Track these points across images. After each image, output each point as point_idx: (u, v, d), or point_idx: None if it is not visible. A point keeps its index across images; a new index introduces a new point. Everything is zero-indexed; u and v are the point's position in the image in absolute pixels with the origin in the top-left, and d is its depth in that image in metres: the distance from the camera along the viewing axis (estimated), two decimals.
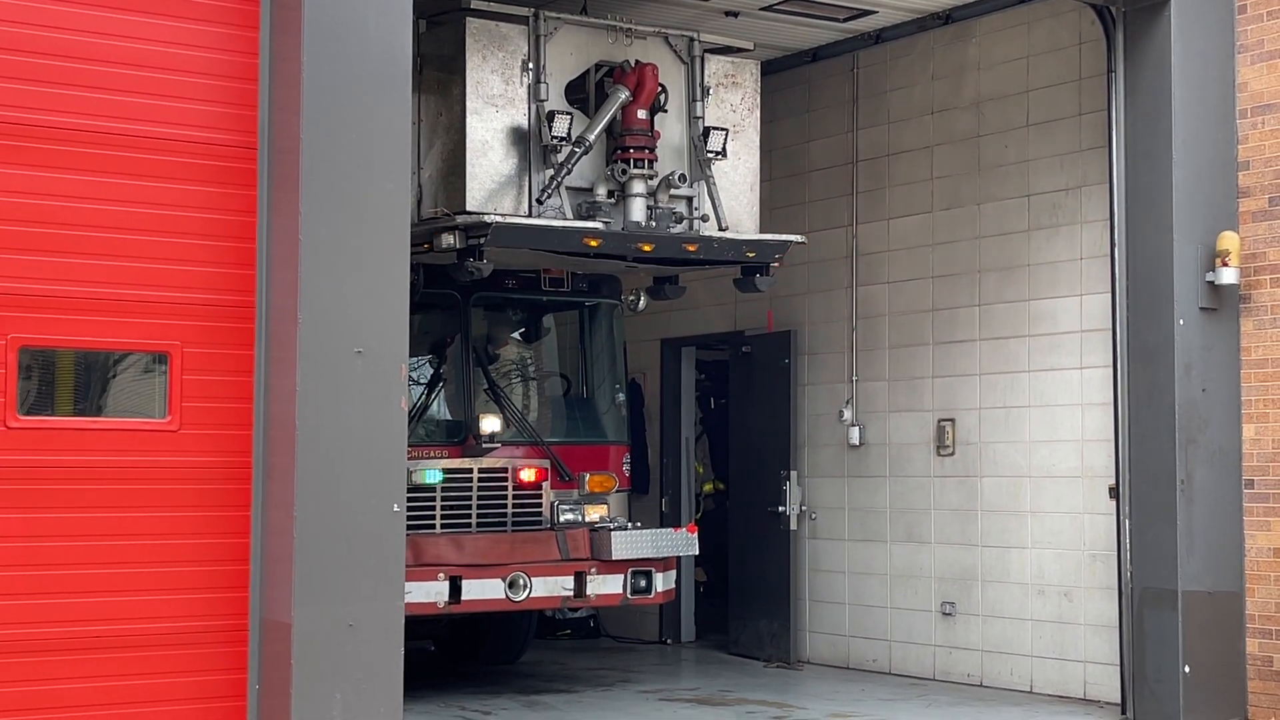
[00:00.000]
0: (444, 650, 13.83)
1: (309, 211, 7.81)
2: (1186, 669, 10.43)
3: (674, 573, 12.07)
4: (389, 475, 8.03)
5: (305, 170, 7.82)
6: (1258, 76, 10.85)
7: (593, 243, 10.39)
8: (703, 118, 11.02)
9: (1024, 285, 12.25)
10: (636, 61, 10.74)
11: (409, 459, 10.32)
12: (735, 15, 11.71)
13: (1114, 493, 11.07)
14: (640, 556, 11.42)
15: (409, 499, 10.22)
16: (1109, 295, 11.14)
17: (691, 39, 11.10)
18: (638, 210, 10.60)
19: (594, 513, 11.75)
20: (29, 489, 7.44)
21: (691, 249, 10.85)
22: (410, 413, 10.81)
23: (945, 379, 12.84)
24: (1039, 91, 12.23)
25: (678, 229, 10.81)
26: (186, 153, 7.94)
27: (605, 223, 10.46)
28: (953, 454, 12.64)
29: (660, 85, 10.74)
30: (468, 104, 10.25)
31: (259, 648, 7.90)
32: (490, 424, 11.41)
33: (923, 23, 12.64)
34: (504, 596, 10.99)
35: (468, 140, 10.25)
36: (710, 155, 10.90)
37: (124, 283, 7.77)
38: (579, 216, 10.50)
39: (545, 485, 11.72)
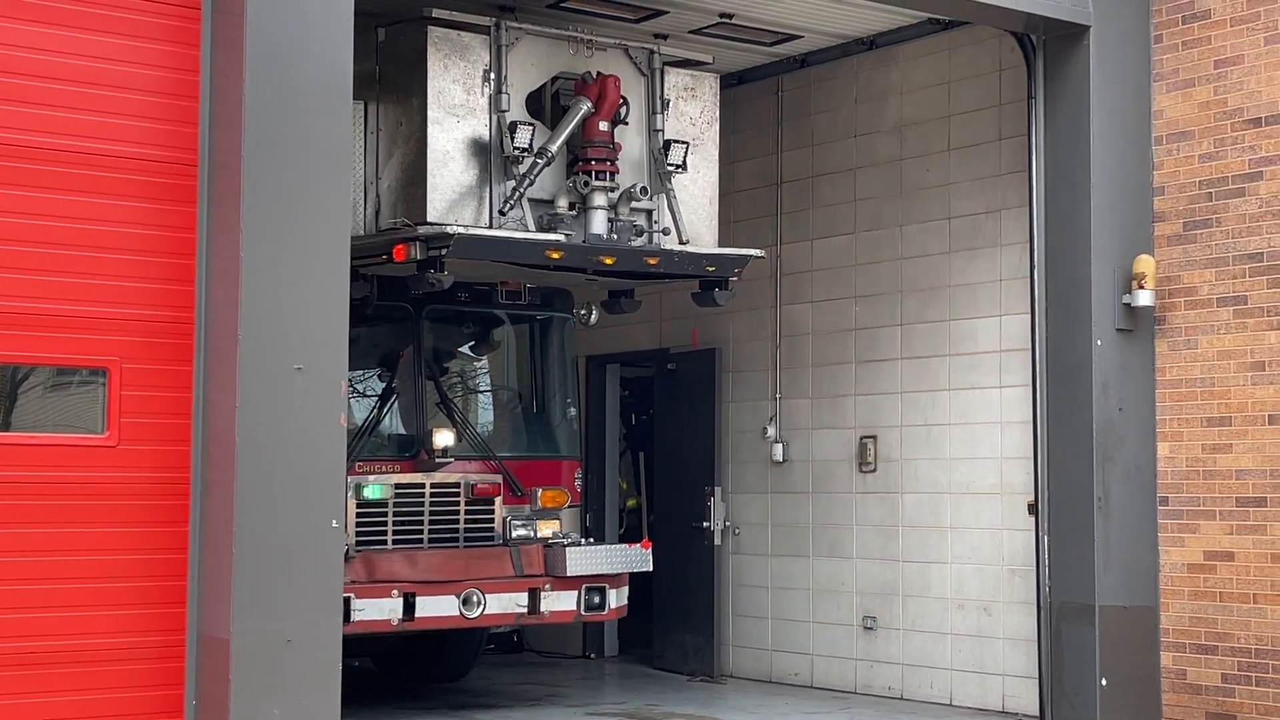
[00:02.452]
0: (387, 668, 13.66)
1: (249, 228, 7.79)
2: (1104, 682, 10.56)
3: (626, 589, 11.81)
4: (328, 491, 7.99)
5: (246, 187, 7.79)
6: (1173, 104, 11.06)
7: (555, 255, 10.10)
8: (662, 130, 10.81)
9: (945, 306, 12.41)
10: (598, 73, 10.52)
11: (358, 474, 10.42)
12: (664, 38, 11.71)
13: (1033, 509, 11.21)
14: (595, 573, 11.19)
15: (360, 515, 10.25)
16: (1028, 316, 11.30)
17: (652, 52, 10.91)
18: (599, 223, 10.37)
19: (546, 528, 11.50)
20: None
21: (652, 262, 10.60)
22: (362, 426, 10.88)
23: (867, 397, 12.97)
24: (960, 116, 12.41)
25: (638, 242, 10.68)
26: (125, 169, 7.90)
27: (567, 235, 10.24)
28: (874, 470, 12.76)
29: (621, 97, 10.55)
30: (429, 113, 9.97)
31: (196, 663, 7.86)
32: (443, 438, 11.13)
33: (847, 48, 12.84)
34: (458, 613, 10.66)
35: (429, 150, 9.95)
36: (671, 168, 10.69)
37: (62, 298, 7.71)
38: (540, 228, 10.28)
39: (498, 500, 11.40)
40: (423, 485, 11.06)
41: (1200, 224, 10.87)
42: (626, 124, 10.60)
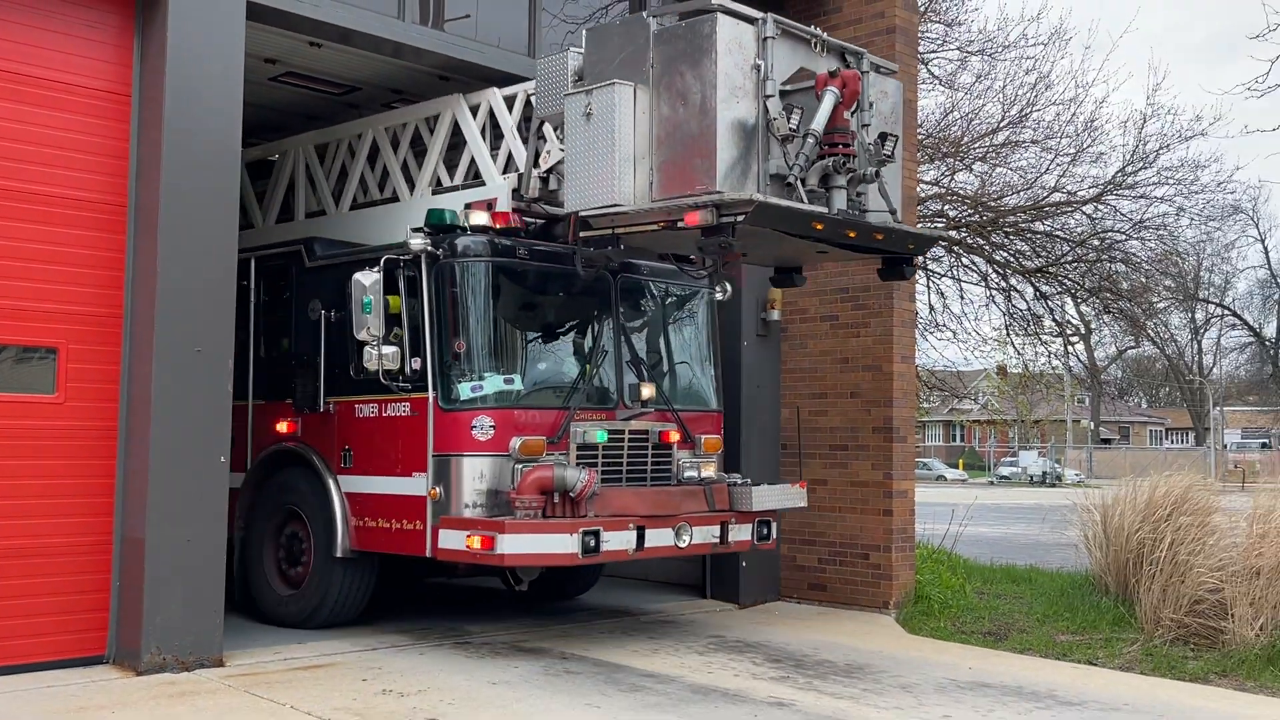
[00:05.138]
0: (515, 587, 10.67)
1: (163, 250, 7.64)
2: (743, 564, 10.79)
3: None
4: (217, 436, 7.82)
5: (161, 222, 7.64)
6: None
7: (818, 226, 7.91)
8: (870, 125, 8.42)
9: None
10: (840, 68, 8.28)
11: (580, 420, 8.74)
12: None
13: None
14: (771, 508, 9.33)
15: (580, 455, 8.62)
16: None
17: (861, 55, 8.61)
18: (841, 200, 8.08)
19: (707, 469, 9.47)
20: None
21: (879, 238, 8.38)
22: (579, 379, 9.01)
23: None
24: None
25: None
26: (75, 207, 7.67)
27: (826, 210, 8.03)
28: None
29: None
30: (718, 93, 7.71)
31: (120, 556, 7.68)
32: (648, 391, 9.18)
33: None
34: (673, 544, 8.69)
35: (718, 125, 7.67)
36: (884, 157, 8.43)
37: (26, 297, 7.47)
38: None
39: (674, 446, 9.31)
40: (623, 432, 8.97)
41: (810, 268, 11.27)
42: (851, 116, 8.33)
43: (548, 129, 8.72)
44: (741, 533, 9.11)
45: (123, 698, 6.93)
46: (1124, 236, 19.28)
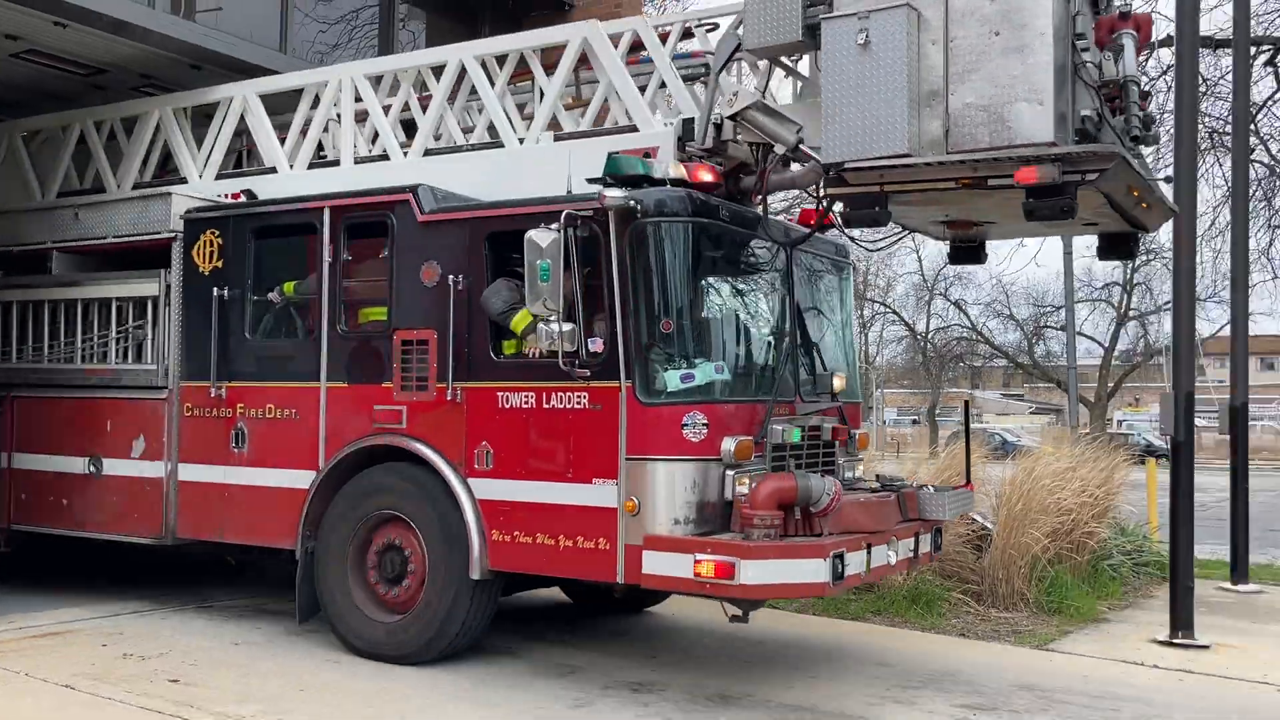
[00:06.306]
0: (579, 597, 9.56)
1: None
2: None
3: None
4: None
5: None
6: None
7: (1135, 193, 6.46)
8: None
9: None
10: (1128, 7, 6.66)
11: (779, 416, 7.08)
12: None
13: None
14: (960, 515, 7.82)
15: (775, 459, 6.99)
16: None
17: None
18: None
19: (859, 469, 8.09)
20: None
21: (1145, 207, 6.86)
22: (783, 367, 7.40)
23: None
24: None
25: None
26: None
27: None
28: None
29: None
30: (1052, 20, 6.05)
31: None
32: (840, 382, 7.73)
33: None
34: (886, 562, 7.06)
35: (1054, 63, 6.03)
36: (1151, 118, 6.67)
37: None
38: None
39: (838, 444, 7.73)
40: (804, 429, 7.35)
41: None
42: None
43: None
44: (925, 543, 7.60)
45: None
46: None
